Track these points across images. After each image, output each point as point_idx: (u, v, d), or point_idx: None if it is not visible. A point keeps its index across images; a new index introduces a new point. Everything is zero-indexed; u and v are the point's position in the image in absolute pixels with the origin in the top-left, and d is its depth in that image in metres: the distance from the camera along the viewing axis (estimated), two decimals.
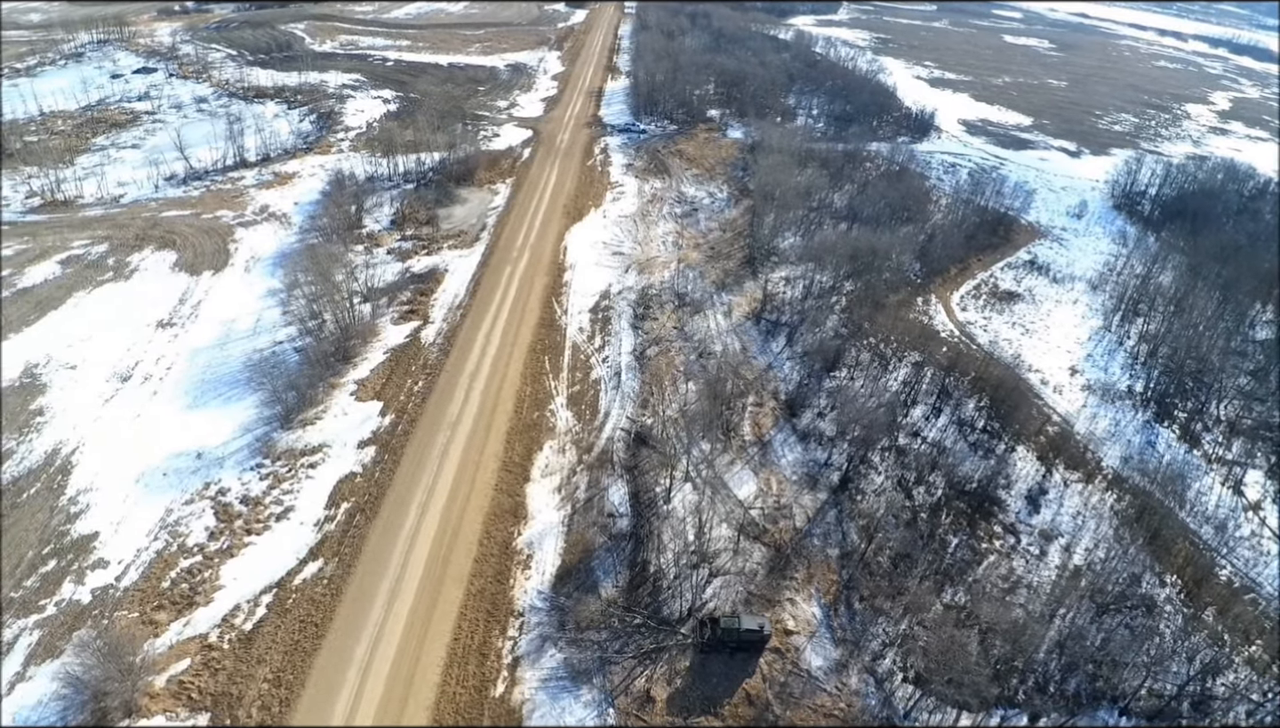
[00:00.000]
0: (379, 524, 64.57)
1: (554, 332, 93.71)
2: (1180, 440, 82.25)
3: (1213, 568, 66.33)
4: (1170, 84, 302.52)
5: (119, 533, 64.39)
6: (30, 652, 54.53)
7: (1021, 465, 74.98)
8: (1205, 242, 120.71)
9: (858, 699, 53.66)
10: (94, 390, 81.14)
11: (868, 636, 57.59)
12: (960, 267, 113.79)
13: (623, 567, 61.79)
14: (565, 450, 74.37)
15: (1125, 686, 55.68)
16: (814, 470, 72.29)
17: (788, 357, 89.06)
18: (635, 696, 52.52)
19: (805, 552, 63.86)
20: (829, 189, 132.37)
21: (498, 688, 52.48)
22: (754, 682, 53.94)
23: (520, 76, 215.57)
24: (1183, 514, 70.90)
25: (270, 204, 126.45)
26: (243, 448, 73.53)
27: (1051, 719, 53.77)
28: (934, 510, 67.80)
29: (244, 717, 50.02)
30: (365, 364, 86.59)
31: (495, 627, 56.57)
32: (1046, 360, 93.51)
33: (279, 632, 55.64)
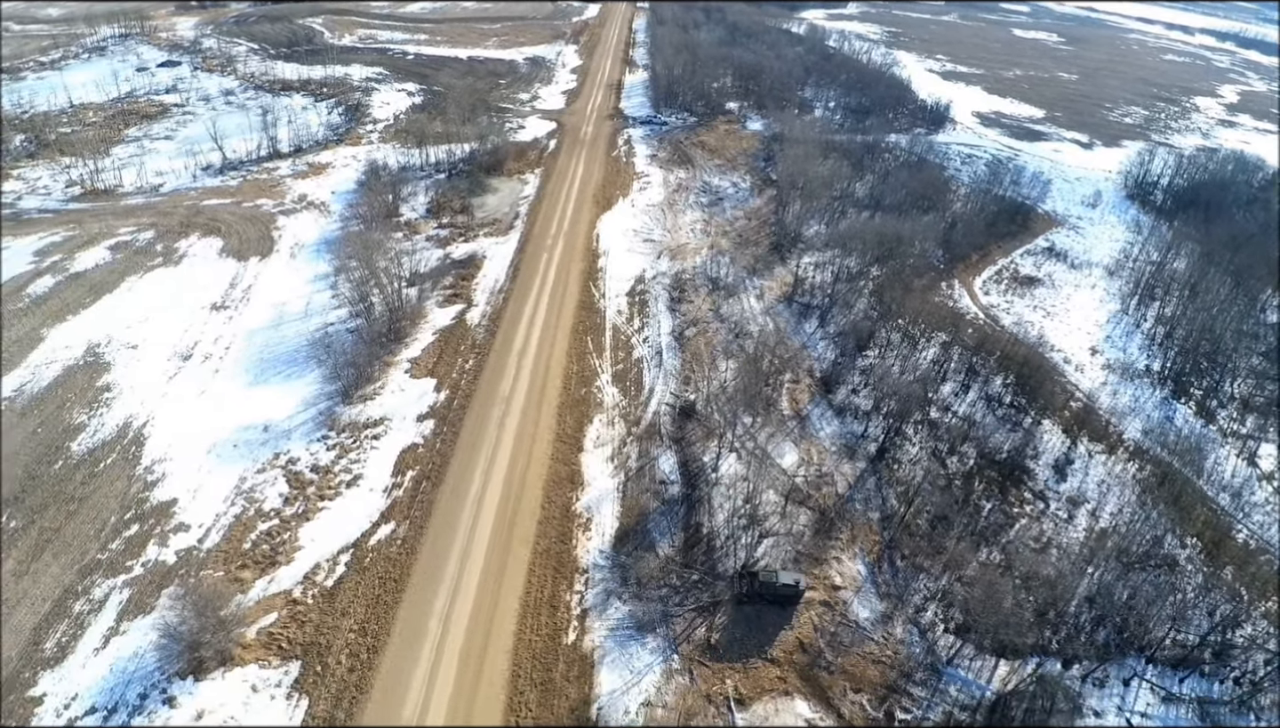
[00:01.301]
0: (445, 490, 68.49)
1: (594, 314, 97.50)
2: (1197, 416, 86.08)
3: (1230, 531, 70.29)
4: (1178, 77, 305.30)
5: (197, 499, 68.26)
6: (122, 608, 58.36)
7: (1048, 438, 78.86)
8: (1217, 230, 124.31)
9: (903, 647, 57.62)
10: (157, 369, 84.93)
11: (910, 590, 61.56)
12: (981, 253, 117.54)
13: (677, 529, 65.73)
14: (614, 423, 78.25)
15: (1151, 636, 59.52)
16: (851, 442, 76.18)
17: (821, 337, 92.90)
18: (696, 643, 56.51)
19: (848, 515, 67.84)
20: (851, 179, 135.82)
21: (569, 636, 56.46)
22: (805, 632, 57.83)
23: (540, 70, 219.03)
24: (1201, 483, 74.77)
25: (308, 193, 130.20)
26: (307, 421, 77.39)
27: (1083, 667, 57.68)
28: (967, 478, 71.71)
29: (333, 664, 53.90)
30: (416, 344, 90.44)
31: (563, 582, 60.53)
32: (1068, 341, 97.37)
33: (360, 587, 59.55)
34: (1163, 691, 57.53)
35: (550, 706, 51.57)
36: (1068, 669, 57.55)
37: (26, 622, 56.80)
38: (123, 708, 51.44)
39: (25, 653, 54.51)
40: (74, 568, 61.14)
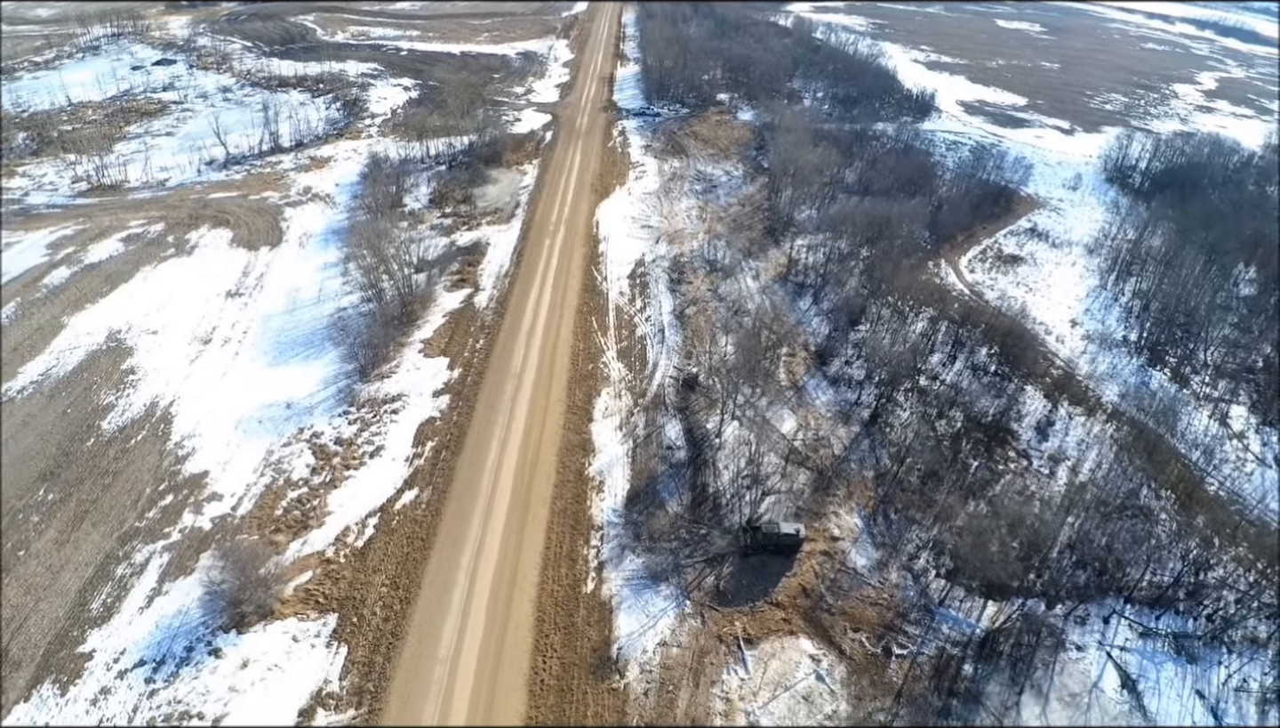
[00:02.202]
0: (464, 458, 72.36)
1: (597, 296, 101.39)
2: (1172, 381, 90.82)
3: (1202, 484, 74.99)
4: (1159, 65, 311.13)
5: (227, 471, 71.86)
6: (163, 571, 61.86)
7: (1030, 402, 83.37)
8: (1192, 208, 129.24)
9: (898, 591, 61.95)
10: (178, 353, 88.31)
11: (903, 540, 65.93)
12: (966, 234, 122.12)
13: (685, 489, 69.84)
14: (621, 396, 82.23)
15: (1128, 578, 64.07)
16: (846, 409, 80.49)
17: (815, 313, 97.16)
18: (706, 590, 60.65)
19: (844, 474, 72.16)
20: (840, 166, 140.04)
21: (588, 586, 60.50)
22: (808, 579, 62.09)
23: (532, 64, 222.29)
24: (1175, 441, 79.41)
25: (312, 186, 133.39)
26: (328, 398, 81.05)
27: (1065, 606, 62.16)
28: (955, 439, 76.12)
29: (368, 615, 57.74)
30: (427, 326, 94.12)
31: (580, 538, 64.54)
32: (1049, 314, 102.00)
33: (389, 547, 63.39)
34: (1140, 627, 62.05)
35: (574, 646, 55.60)
36: (1051, 609, 61.97)
37: (71, 585, 60.23)
38: (170, 660, 54.98)
39: (72, 614, 57.91)
40: (114, 536, 64.55)
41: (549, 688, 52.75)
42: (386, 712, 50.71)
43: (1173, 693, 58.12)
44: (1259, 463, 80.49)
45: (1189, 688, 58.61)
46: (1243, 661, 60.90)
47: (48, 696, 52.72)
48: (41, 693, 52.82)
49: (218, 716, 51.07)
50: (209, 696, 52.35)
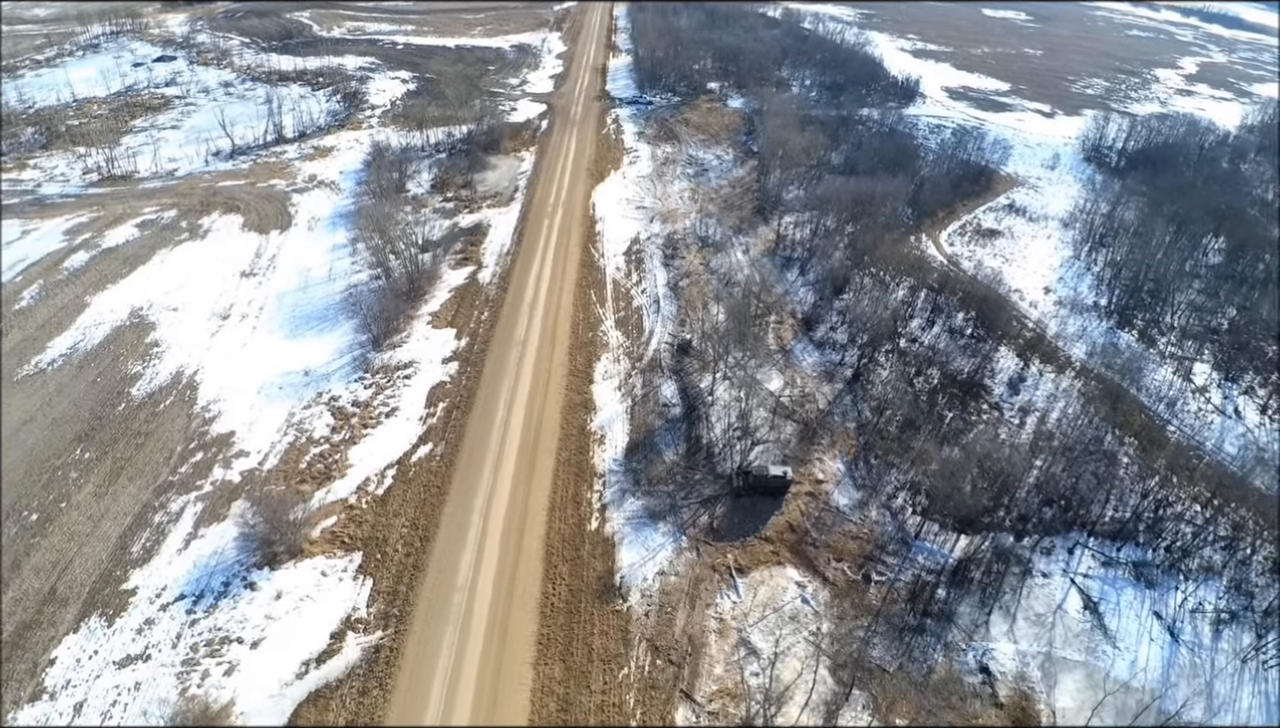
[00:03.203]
0: (474, 416, 77.42)
1: (595, 271, 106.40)
2: (1139, 342, 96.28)
3: (1164, 431, 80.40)
4: (1142, 51, 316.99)
5: (253, 431, 76.74)
6: (198, 518, 66.70)
7: (1003, 361, 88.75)
8: (1164, 183, 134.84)
9: (877, 527, 67.25)
10: (199, 327, 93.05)
11: (883, 482, 71.25)
12: (947, 211, 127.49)
13: (680, 441, 75.01)
14: (620, 360, 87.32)
15: (1092, 515, 69.43)
16: (830, 368, 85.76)
17: (802, 284, 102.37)
18: (701, 527, 65.85)
19: (828, 425, 77.45)
20: (827, 149, 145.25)
21: (592, 524, 65.64)
22: (794, 517, 67.32)
23: (527, 56, 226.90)
24: (1139, 394, 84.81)
25: (317, 173, 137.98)
26: (344, 366, 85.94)
27: (1032, 539, 67.50)
28: (932, 394, 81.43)
29: (391, 552, 62.72)
30: (434, 301, 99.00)
31: (584, 484, 69.67)
32: (1024, 282, 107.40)
33: (408, 493, 68.41)
34: (1102, 556, 67.45)
35: (580, 575, 60.75)
36: (1019, 541, 67.34)
37: (112, 531, 65.00)
38: (209, 594, 59.89)
39: (114, 556, 62.70)
40: (149, 488, 69.41)
41: (558, 610, 57.89)
42: (411, 632, 55.76)
43: (1132, 614, 63.49)
44: (1219, 413, 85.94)
45: (1147, 610, 64.00)
46: (1198, 586, 66.28)
47: (95, 627, 57.46)
48: (89, 625, 57.54)
49: (256, 639, 55.96)
50: (247, 622, 57.27)
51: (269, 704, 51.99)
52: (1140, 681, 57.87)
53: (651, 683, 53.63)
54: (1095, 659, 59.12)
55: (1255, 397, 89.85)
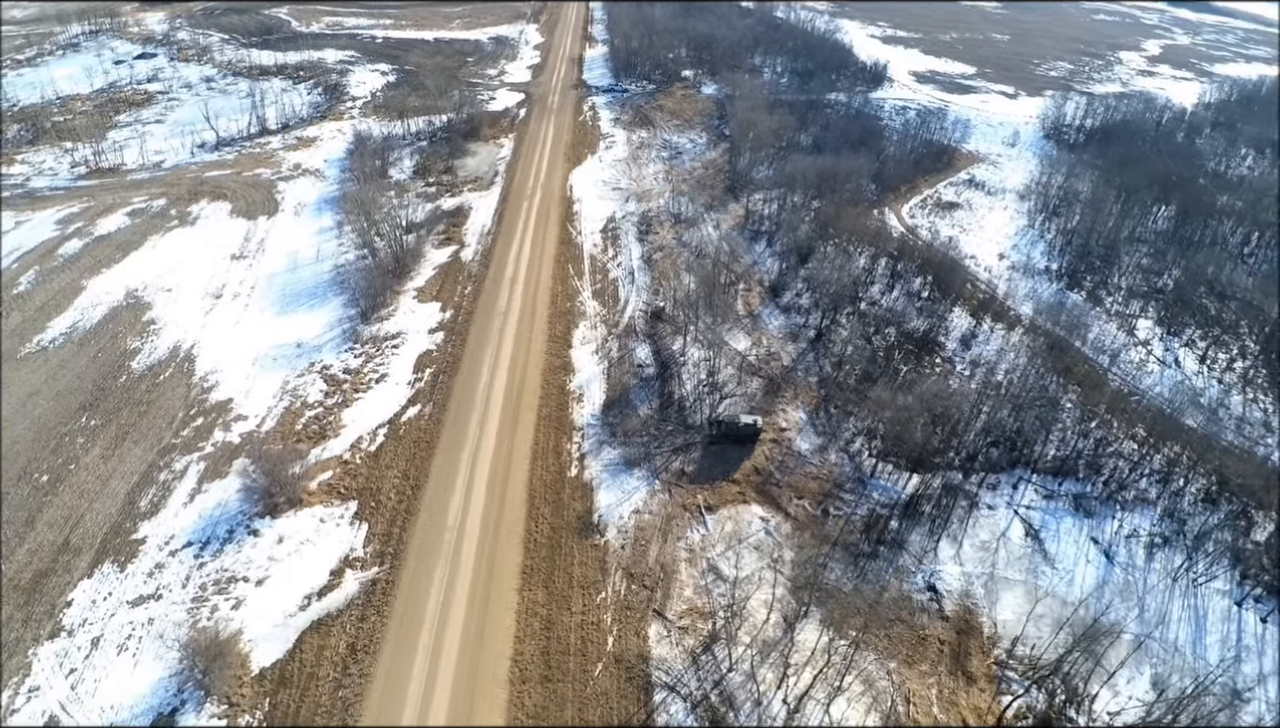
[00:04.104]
0: (460, 379, 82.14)
1: (573, 248, 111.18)
2: (1086, 301, 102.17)
3: (1105, 379, 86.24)
4: (1107, 35, 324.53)
5: (249, 398, 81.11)
6: (201, 475, 71.05)
7: (957, 320, 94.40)
8: (1115, 155, 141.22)
9: (836, 468, 72.58)
10: (193, 306, 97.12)
11: (841, 429, 76.58)
12: (909, 186, 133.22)
13: (654, 397, 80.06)
14: (597, 327, 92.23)
15: (1036, 454, 75.05)
16: (795, 330, 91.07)
17: (769, 254, 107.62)
18: (673, 472, 70.92)
19: (792, 380, 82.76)
20: (795, 130, 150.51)
21: (572, 471, 70.60)
22: (759, 461, 72.55)
23: (504, 47, 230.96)
24: (1085, 349, 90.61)
25: (302, 162, 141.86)
26: (334, 338, 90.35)
27: (979, 477, 73.04)
28: (889, 350, 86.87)
29: (384, 499, 67.35)
30: (419, 277, 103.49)
31: (564, 436, 74.60)
32: (980, 249, 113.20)
33: (399, 448, 73.07)
34: (1044, 490, 73.08)
35: (561, 515, 65.74)
36: (967, 478, 72.84)
37: (120, 489, 69.28)
38: (214, 541, 64.36)
39: (123, 510, 66.98)
40: (154, 450, 73.71)
41: (541, 545, 62.86)
42: (405, 567, 60.56)
43: (1070, 540, 69.16)
44: (1160, 363, 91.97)
45: (1085, 536, 69.70)
46: (1134, 514, 72.01)
47: (108, 572, 61.80)
48: (103, 571, 61.86)
49: (260, 577, 60.57)
50: (251, 564, 61.86)
51: (275, 632, 56.62)
52: (1075, 596, 63.35)
53: (627, 605, 58.68)
54: (1035, 579, 64.69)
55: (1195, 348, 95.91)
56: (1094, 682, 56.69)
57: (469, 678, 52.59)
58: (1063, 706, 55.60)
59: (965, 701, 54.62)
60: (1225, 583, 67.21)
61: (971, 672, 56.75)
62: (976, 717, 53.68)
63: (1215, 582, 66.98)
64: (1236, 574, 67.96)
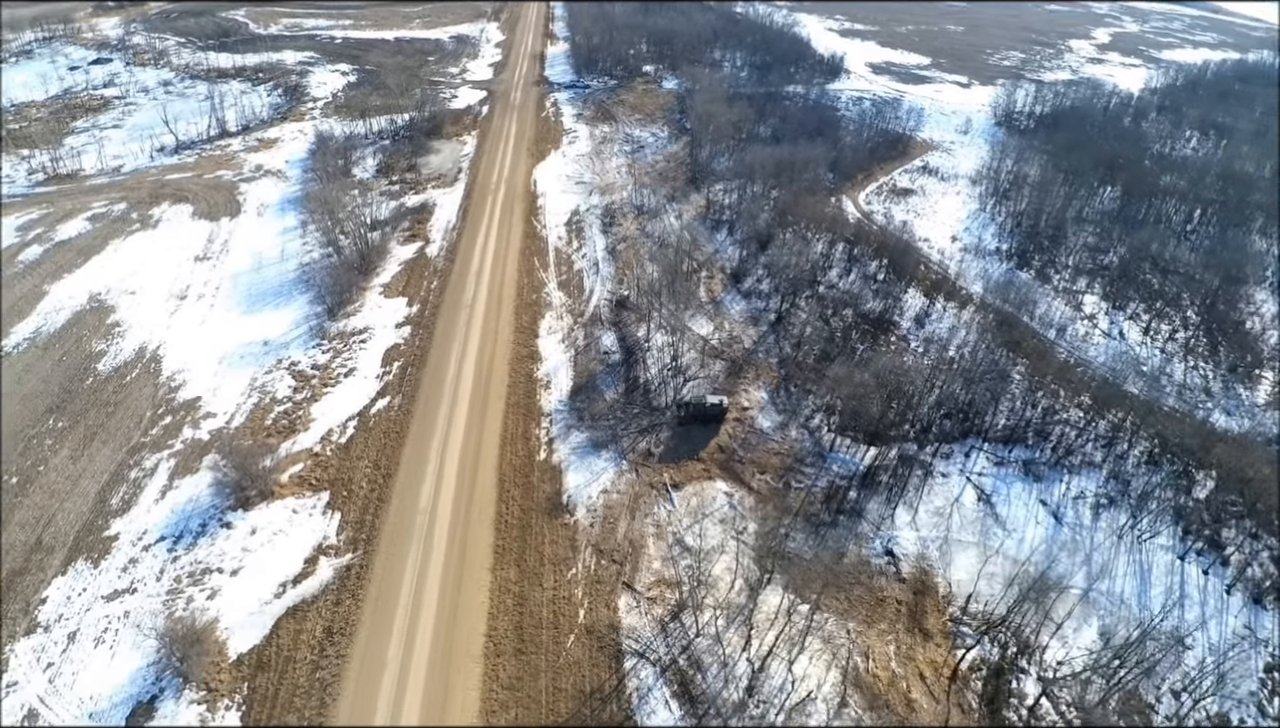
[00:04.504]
0: (428, 371, 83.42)
1: (537, 241, 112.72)
2: (1035, 279, 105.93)
3: (1053, 352, 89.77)
4: (1059, 24, 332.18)
5: (218, 395, 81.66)
6: (172, 472, 71.53)
7: (911, 300, 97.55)
8: (1062, 140, 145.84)
9: (797, 444, 75.07)
10: (158, 308, 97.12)
11: (801, 406, 79.12)
12: (866, 174, 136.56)
13: (620, 382, 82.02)
14: (563, 317, 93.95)
15: (986, 425, 78.17)
16: (756, 314, 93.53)
17: (730, 242, 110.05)
18: (640, 453, 72.93)
19: (753, 362, 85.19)
20: (754, 122, 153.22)
21: (541, 455, 72.32)
22: (723, 439, 74.82)
23: (465, 46, 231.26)
24: (1033, 323, 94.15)
25: (263, 163, 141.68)
26: (301, 334, 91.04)
27: (933, 447, 75.97)
28: (846, 330, 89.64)
29: (356, 489, 68.53)
30: (385, 273, 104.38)
31: (532, 422, 76.28)
32: (933, 233, 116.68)
33: (369, 439, 74.25)
34: (995, 457, 76.20)
35: (531, 496, 67.45)
36: (922, 449, 75.71)
37: (91, 488, 69.63)
38: (187, 535, 65.09)
39: (95, 509, 67.35)
40: (123, 449, 74.09)
41: (512, 525, 64.54)
42: (378, 552, 61.90)
43: (1020, 503, 72.29)
44: (1105, 335, 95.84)
45: (1034, 499, 72.87)
46: (1080, 478, 75.34)
47: (82, 569, 62.30)
48: (76, 568, 62.31)
49: (235, 568, 61.57)
50: (225, 555, 62.76)
51: (251, 619, 57.71)
52: (1025, 555, 66.36)
53: (597, 579, 60.60)
54: (987, 540, 67.68)
55: (1139, 321, 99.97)
56: (1044, 634, 59.65)
57: (444, 654, 54.17)
58: (1015, 657, 58.49)
59: (922, 656, 57.28)
60: (1168, 539, 70.69)
61: (928, 629, 59.44)
62: (933, 670, 56.37)
63: (1159, 538, 70.44)
64: (1179, 530, 71.50)
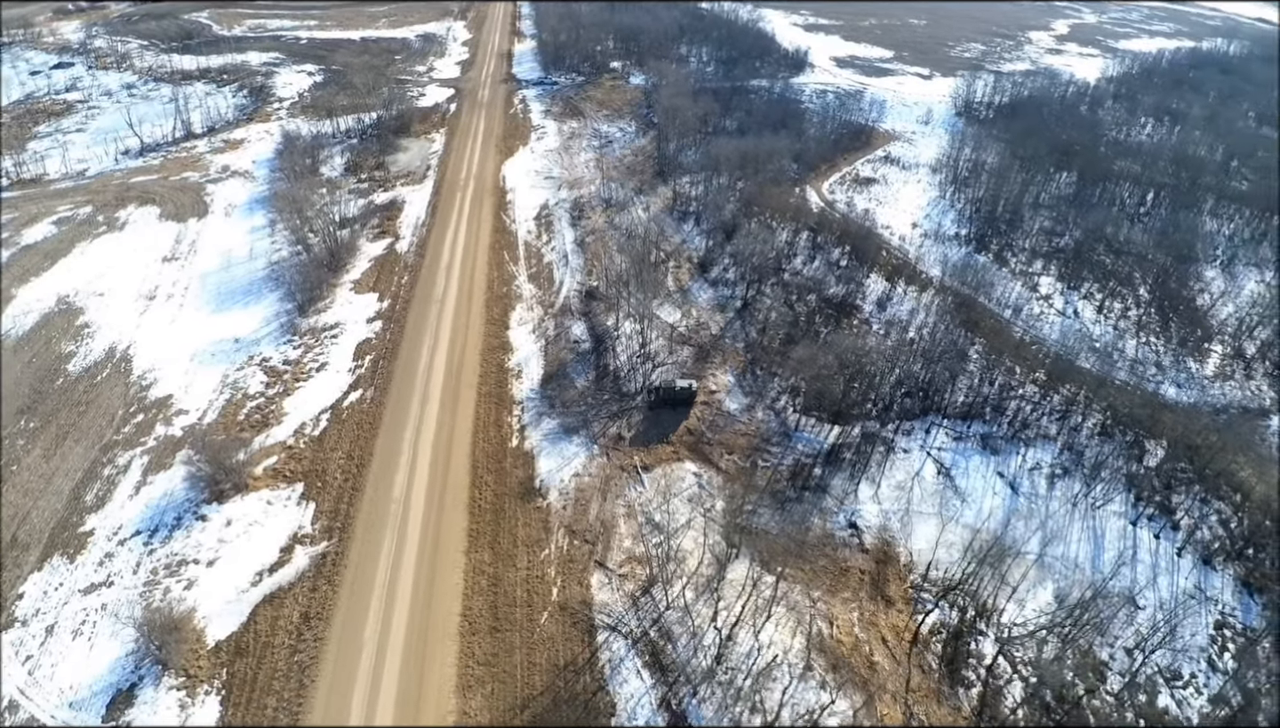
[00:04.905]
0: (399, 364, 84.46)
1: (507, 235, 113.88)
2: (993, 262, 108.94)
3: (1009, 330, 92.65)
4: (1019, 16, 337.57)
5: (189, 393, 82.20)
6: (145, 468, 72.21)
7: (873, 285, 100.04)
8: (1018, 127, 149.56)
9: (763, 424, 77.11)
10: (127, 308, 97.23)
11: (767, 389, 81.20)
12: (829, 164, 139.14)
13: (590, 369, 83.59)
14: (533, 308, 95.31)
15: (946, 402, 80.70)
16: (723, 302, 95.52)
17: (697, 233, 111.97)
18: (610, 437, 74.56)
19: (720, 347, 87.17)
20: (720, 116, 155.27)
21: (513, 442, 73.73)
22: (691, 422, 76.67)
23: (432, 45, 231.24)
24: (990, 304, 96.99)
25: (230, 164, 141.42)
26: (273, 331, 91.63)
27: (894, 424, 78.35)
28: (810, 315, 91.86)
29: (330, 480, 69.54)
30: (356, 270, 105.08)
31: (504, 410, 77.63)
32: (895, 220, 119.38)
33: (342, 431, 75.23)
34: (954, 433, 78.73)
35: (504, 481, 68.87)
36: (884, 427, 78.07)
37: (65, 486, 70.15)
38: (163, 528, 65.84)
39: (69, 505, 67.99)
40: (96, 447, 74.56)
41: (485, 510, 65.92)
42: (353, 539, 63.04)
43: (979, 475, 74.86)
44: (1060, 314, 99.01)
45: (992, 471, 75.51)
46: (1036, 450, 78.08)
47: (58, 564, 62.90)
48: (52, 563, 62.94)
49: (211, 559, 62.39)
50: (201, 547, 63.60)
51: (228, 608, 58.69)
52: (983, 524, 68.85)
53: (570, 558, 62.20)
54: (946, 511, 70.15)
55: (1093, 300, 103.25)
56: (1001, 598, 62.10)
57: (420, 634, 55.53)
58: (973, 620, 60.91)
59: (884, 621, 59.52)
60: (1121, 505, 73.59)
61: (890, 596, 61.71)
62: (894, 634, 58.64)
63: (1111, 505, 73.31)
64: (1131, 497, 74.42)
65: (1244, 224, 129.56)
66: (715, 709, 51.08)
